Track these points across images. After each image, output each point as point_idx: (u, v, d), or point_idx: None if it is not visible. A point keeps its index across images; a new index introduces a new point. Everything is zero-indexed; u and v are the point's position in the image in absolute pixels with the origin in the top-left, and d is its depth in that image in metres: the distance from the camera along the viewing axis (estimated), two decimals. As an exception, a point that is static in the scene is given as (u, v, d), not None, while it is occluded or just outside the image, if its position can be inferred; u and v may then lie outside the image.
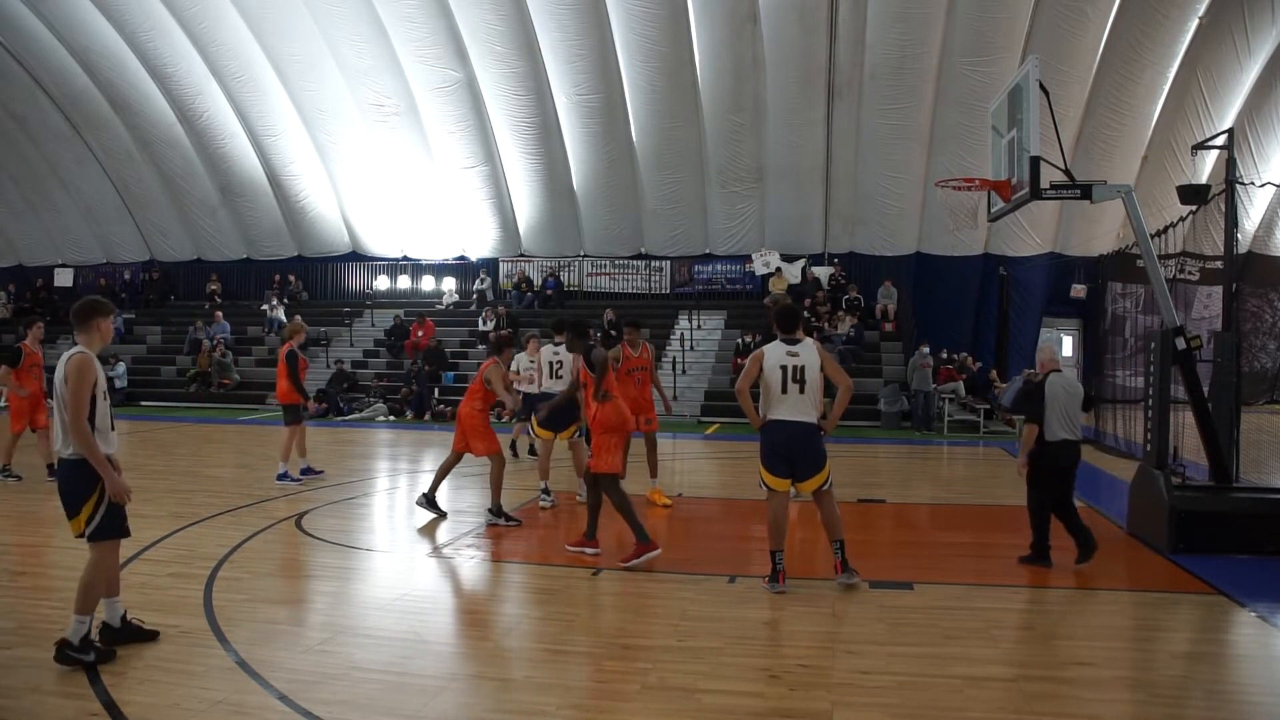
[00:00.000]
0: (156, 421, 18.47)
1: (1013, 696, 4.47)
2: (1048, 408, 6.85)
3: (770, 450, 6.27)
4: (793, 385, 6.19)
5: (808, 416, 6.23)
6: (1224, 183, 9.22)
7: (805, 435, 6.22)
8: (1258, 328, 19.36)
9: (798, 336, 6.30)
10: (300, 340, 11.19)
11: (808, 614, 5.77)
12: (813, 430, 6.24)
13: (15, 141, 26.25)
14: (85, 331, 4.86)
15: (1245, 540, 7.33)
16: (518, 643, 5.30)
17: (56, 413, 4.76)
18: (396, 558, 7.42)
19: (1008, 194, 8.61)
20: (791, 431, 6.20)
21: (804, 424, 6.22)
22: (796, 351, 6.24)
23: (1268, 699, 4.66)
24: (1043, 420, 6.85)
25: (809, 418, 6.23)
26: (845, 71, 20.82)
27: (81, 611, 4.64)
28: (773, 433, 6.26)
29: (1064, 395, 6.89)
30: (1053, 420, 6.84)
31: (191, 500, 9.37)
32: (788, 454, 6.21)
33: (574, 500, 9.76)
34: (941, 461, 14.57)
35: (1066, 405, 6.88)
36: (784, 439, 6.21)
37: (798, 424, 6.21)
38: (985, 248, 22.63)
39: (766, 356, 6.27)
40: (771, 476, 6.26)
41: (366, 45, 22.10)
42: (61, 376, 4.69)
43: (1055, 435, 6.84)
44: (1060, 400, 6.87)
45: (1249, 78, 21.25)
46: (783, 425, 6.22)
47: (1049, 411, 6.85)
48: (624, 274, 24.51)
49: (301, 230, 26.44)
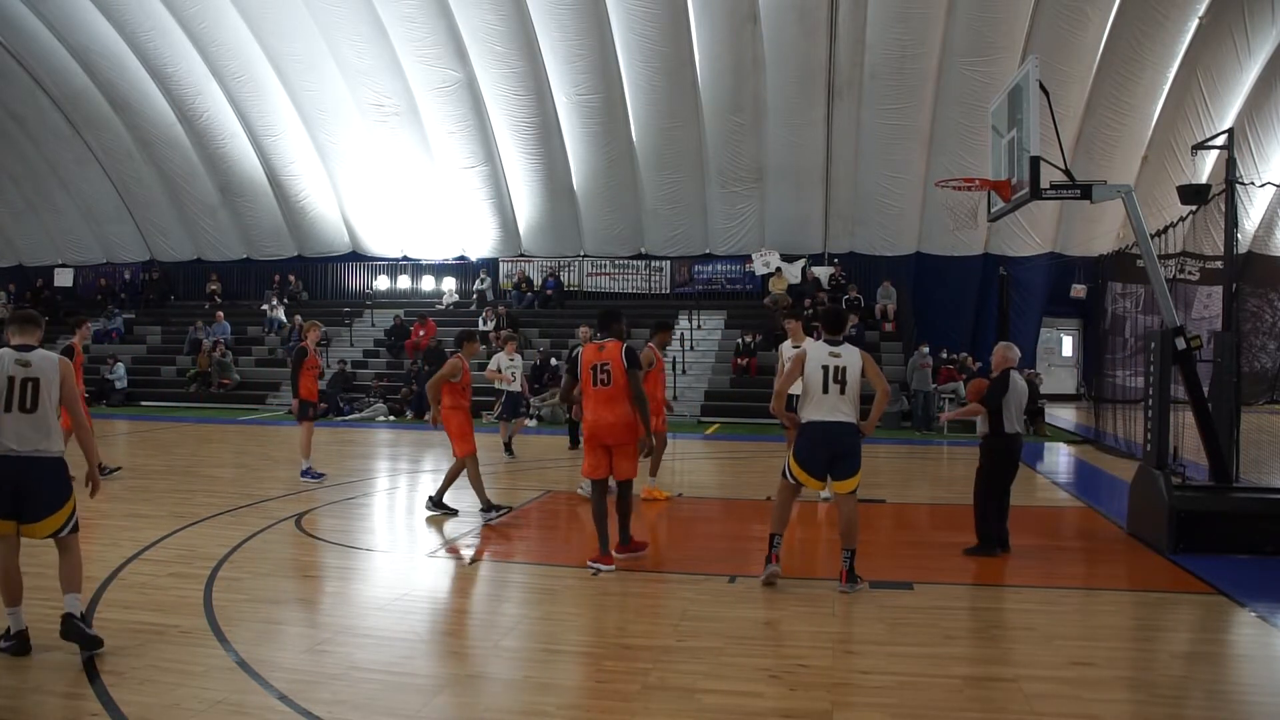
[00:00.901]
0: (156, 421, 18.48)
1: (1013, 696, 4.47)
2: (1008, 401, 7.18)
3: (808, 449, 6.26)
4: (834, 385, 6.21)
5: (848, 417, 6.24)
6: (1224, 183, 9.22)
7: (845, 435, 6.22)
8: (1258, 328, 19.35)
9: (840, 338, 6.34)
10: (315, 338, 11.14)
11: (808, 614, 5.77)
12: (853, 430, 6.25)
13: (15, 141, 26.25)
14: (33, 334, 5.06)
15: (1245, 540, 7.31)
16: (517, 643, 5.30)
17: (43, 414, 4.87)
18: (396, 558, 7.42)
19: (1008, 194, 8.61)
20: (832, 432, 6.21)
21: (844, 424, 6.23)
22: (839, 353, 6.25)
23: (1268, 699, 4.65)
24: (1001, 411, 7.19)
25: (849, 418, 6.25)
26: (845, 71, 20.82)
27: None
28: (812, 433, 6.25)
29: (1020, 392, 7.30)
30: (1012, 413, 7.20)
31: (191, 500, 9.37)
32: (828, 454, 6.22)
33: (573, 498, 9.77)
34: (941, 461, 14.57)
35: (1021, 401, 7.31)
36: (823, 439, 6.21)
37: (838, 424, 6.22)
38: (985, 248, 22.65)
39: (809, 357, 6.30)
40: (804, 474, 6.27)
41: (366, 45, 22.10)
42: (56, 379, 4.89)
43: (1012, 428, 7.21)
44: (1018, 395, 7.24)
45: (1249, 78, 21.27)
46: (823, 426, 6.23)
47: (1009, 405, 7.19)
48: (624, 274, 24.51)
49: (301, 230, 26.44)
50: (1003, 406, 7.19)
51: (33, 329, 5.00)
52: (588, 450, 6.88)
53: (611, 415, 6.67)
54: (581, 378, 6.81)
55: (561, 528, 9.02)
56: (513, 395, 13.59)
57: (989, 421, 7.29)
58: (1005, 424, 7.19)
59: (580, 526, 9.09)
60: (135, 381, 22.20)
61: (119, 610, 5.60)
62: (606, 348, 6.75)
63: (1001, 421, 7.21)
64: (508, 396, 13.63)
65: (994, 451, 7.32)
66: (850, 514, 6.23)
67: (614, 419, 6.67)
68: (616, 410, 6.67)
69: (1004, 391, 7.21)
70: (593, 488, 6.97)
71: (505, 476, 11.59)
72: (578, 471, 12.04)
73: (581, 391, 6.86)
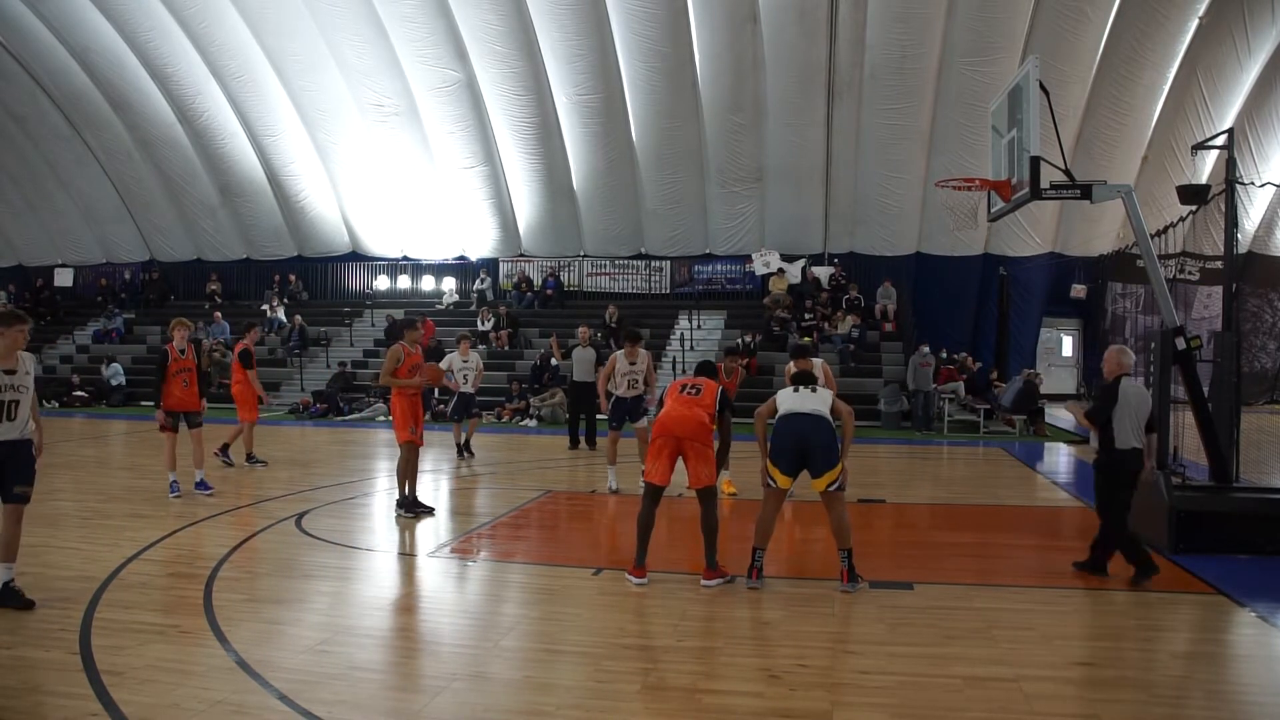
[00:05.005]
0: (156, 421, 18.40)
1: (1013, 696, 4.47)
2: (1120, 413, 6.51)
3: (780, 445, 6.29)
4: (804, 389, 6.42)
5: (820, 411, 6.29)
6: (1224, 183, 9.21)
7: (819, 428, 6.24)
8: (1258, 328, 19.38)
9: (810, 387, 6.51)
10: (182, 337, 9.79)
11: (808, 614, 5.77)
12: (826, 424, 6.27)
13: (15, 141, 26.23)
14: None
15: (1245, 540, 7.32)
16: (517, 643, 5.30)
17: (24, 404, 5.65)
18: (396, 558, 7.42)
19: (1008, 194, 8.61)
20: (805, 426, 6.22)
21: (818, 416, 6.26)
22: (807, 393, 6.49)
23: (1268, 699, 4.65)
24: (1112, 425, 6.51)
25: (822, 412, 6.29)
26: (845, 72, 20.81)
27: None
28: (786, 425, 6.30)
29: (1136, 401, 6.56)
30: (1126, 426, 6.51)
31: (192, 500, 9.37)
32: (801, 447, 6.21)
33: (573, 498, 9.77)
34: (941, 461, 14.56)
35: (1139, 412, 6.56)
36: (797, 432, 6.24)
37: (812, 416, 6.25)
38: (985, 248, 22.63)
39: (780, 396, 6.54)
40: (778, 473, 6.27)
41: (366, 45, 22.09)
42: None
43: (1127, 443, 6.51)
44: (1133, 405, 6.54)
45: (1249, 78, 21.26)
46: (796, 418, 6.27)
47: (1121, 417, 6.51)
48: (624, 274, 24.50)
49: (301, 230, 26.44)
50: (1113, 419, 6.52)
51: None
52: (651, 452, 6.43)
53: (688, 410, 6.41)
54: (669, 388, 6.78)
55: (561, 528, 9.02)
56: (464, 396, 13.37)
57: (1099, 436, 6.64)
58: (1117, 438, 6.52)
59: (580, 526, 9.10)
60: (135, 381, 22.19)
61: (119, 610, 5.60)
62: (703, 386, 6.65)
63: (1113, 435, 6.55)
64: (459, 398, 13.42)
65: (1104, 468, 6.64)
66: (839, 515, 6.23)
67: (689, 414, 6.39)
68: (694, 409, 6.43)
69: (1112, 403, 6.53)
70: (645, 493, 6.49)
71: (505, 476, 11.59)
72: (578, 471, 12.12)
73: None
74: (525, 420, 18.56)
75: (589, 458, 13.27)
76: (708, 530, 6.34)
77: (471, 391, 13.38)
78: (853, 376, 19.29)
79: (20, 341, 5.72)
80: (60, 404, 21.10)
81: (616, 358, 10.60)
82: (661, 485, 6.39)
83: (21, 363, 5.72)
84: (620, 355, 10.55)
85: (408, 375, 8.70)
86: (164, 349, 9.76)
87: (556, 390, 18.55)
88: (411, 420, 8.68)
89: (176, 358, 9.64)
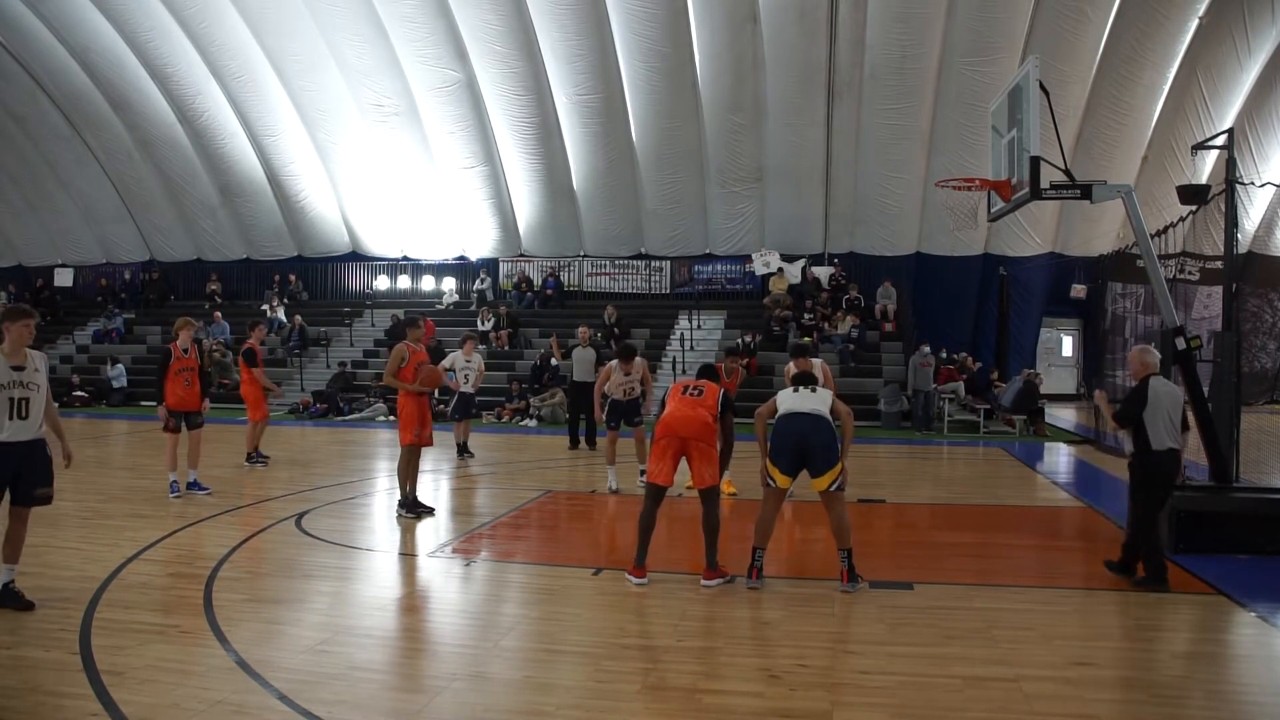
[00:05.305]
0: (156, 421, 18.38)
1: (1013, 696, 4.47)
2: (1152, 413, 6.37)
3: (780, 444, 6.30)
4: (804, 389, 6.45)
5: (820, 411, 6.30)
6: (1224, 183, 9.21)
7: (819, 428, 6.25)
8: (1258, 328, 19.39)
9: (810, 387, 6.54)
10: (187, 337, 9.71)
11: (808, 614, 5.77)
12: (826, 424, 6.27)
13: (15, 141, 26.23)
14: None
15: (1245, 540, 7.32)
16: (517, 643, 5.30)
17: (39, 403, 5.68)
18: (396, 558, 7.41)
19: (1008, 194, 8.61)
20: (805, 426, 6.24)
21: (817, 416, 6.27)
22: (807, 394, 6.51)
23: (1268, 699, 4.65)
24: (1146, 425, 6.38)
25: (821, 412, 6.30)
26: (845, 72, 20.81)
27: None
28: (786, 425, 6.31)
29: (1168, 400, 6.43)
30: (1160, 426, 6.39)
31: (192, 500, 9.38)
32: (801, 447, 6.22)
33: (573, 498, 9.77)
34: (941, 461, 14.56)
35: (1171, 411, 6.44)
36: (797, 432, 6.25)
37: (811, 416, 6.26)
38: (985, 248, 22.64)
39: (780, 396, 6.57)
40: (778, 472, 6.28)
41: (366, 45, 22.09)
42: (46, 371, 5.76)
43: (1161, 443, 6.41)
44: (1165, 404, 6.42)
45: (1249, 78, 21.26)
46: (796, 418, 6.28)
47: (1154, 417, 6.37)
48: (624, 274, 24.50)
49: (301, 230, 26.44)
50: (1145, 421, 6.39)
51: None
52: (654, 453, 6.44)
53: (691, 411, 6.42)
54: (670, 390, 6.78)
55: (561, 528, 9.02)
56: (464, 396, 13.37)
57: (1133, 438, 6.51)
58: (1152, 439, 6.40)
59: (580, 526, 9.10)
60: (135, 381, 22.18)
61: (119, 610, 5.60)
62: (705, 388, 6.65)
63: (1147, 436, 6.43)
64: (459, 397, 13.42)
65: (1140, 469, 6.52)
66: (839, 515, 6.23)
67: (693, 414, 6.40)
68: (698, 410, 6.45)
69: (1142, 404, 6.40)
70: (647, 493, 6.50)
71: (505, 476, 11.60)
72: (578, 471, 12.12)
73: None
74: (525, 420, 18.56)
75: (589, 458, 13.27)
76: (709, 530, 6.36)
77: (471, 392, 13.39)
78: (853, 376, 19.29)
79: (27, 336, 5.69)
80: (60, 404, 21.08)
81: (611, 369, 10.56)
82: (664, 486, 6.41)
83: (31, 360, 5.69)
84: (615, 366, 10.54)
85: (413, 373, 8.69)
86: (167, 348, 9.78)
87: (556, 390, 18.55)
88: (418, 422, 8.67)
89: (179, 357, 9.67)
